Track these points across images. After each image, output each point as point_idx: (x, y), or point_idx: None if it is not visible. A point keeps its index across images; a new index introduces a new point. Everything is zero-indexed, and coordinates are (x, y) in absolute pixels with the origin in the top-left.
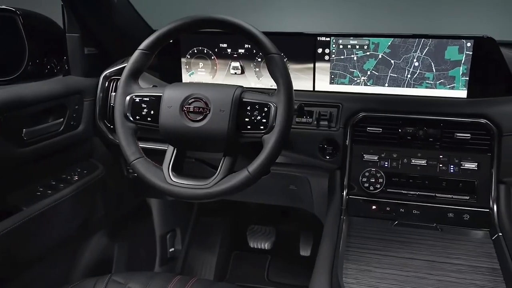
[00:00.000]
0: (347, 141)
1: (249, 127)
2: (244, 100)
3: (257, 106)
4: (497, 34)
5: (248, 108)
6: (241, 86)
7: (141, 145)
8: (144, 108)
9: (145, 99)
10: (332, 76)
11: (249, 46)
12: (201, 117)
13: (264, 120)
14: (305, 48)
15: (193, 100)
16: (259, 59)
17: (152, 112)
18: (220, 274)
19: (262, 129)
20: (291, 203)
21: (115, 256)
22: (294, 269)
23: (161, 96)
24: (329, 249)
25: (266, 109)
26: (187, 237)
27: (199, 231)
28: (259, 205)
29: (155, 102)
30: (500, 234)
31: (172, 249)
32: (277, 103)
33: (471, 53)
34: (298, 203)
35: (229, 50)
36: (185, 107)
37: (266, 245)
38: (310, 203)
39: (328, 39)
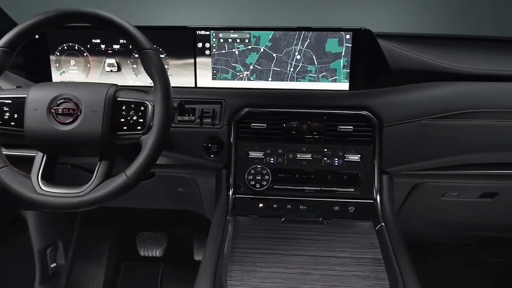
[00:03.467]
0: (232, 138)
1: (125, 128)
2: (118, 99)
3: (132, 106)
4: (376, 27)
5: (123, 107)
6: (115, 85)
7: (5, 152)
8: (6, 111)
9: (7, 101)
10: (214, 72)
11: (126, 41)
12: (72, 119)
13: (141, 120)
14: (184, 42)
15: (62, 101)
16: (136, 55)
17: (15, 116)
18: (109, 287)
19: (139, 130)
20: (181, 206)
21: None
22: (189, 275)
23: (25, 97)
24: (213, 252)
25: (142, 108)
26: (71, 250)
27: (84, 243)
28: (148, 210)
29: (19, 104)
30: (383, 224)
31: (54, 264)
32: (154, 101)
33: (350, 45)
34: (188, 206)
35: (103, 46)
36: (53, 109)
37: (157, 252)
38: (200, 204)
39: (208, 32)
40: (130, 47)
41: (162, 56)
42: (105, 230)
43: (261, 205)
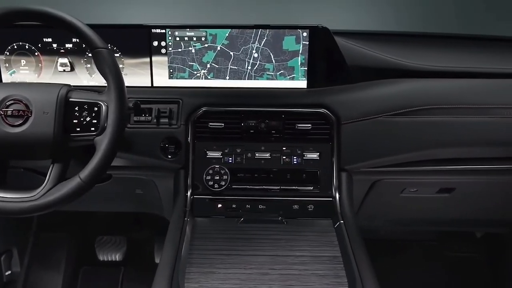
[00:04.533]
0: (189, 138)
1: (78, 129)
2: (70, 100)
3: (85, 106)
4: (335, 24)
5: (76, 108)
6: (67, 85)
7: None
8: None
9: None
10: (171, 70)
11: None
12: (22, 121)
13: (95, 121)
14: (139, 41)
15: (11, 102)
16: (90, 55)
17: None
18: None
19: (93, 131)
20: (140, 208)
21: None
22: (150, 278)
23: None
24: (170, 255)
25: (96, 108)
26: (27, 256)
27: (40, 249)
28: (106, 213)
29: None
30: (342, 221)
31: (9, 272)
32: (108, 101)
33: (307, 43)
34: (147, 208)
35: (55, 45)
36: (2, 111)
37: (117, 256)
38: (160, 206)
39: (164, 31)
40: (84, 46)
41: (116, 55)
42: (62, 235)
43: (219, 205)
